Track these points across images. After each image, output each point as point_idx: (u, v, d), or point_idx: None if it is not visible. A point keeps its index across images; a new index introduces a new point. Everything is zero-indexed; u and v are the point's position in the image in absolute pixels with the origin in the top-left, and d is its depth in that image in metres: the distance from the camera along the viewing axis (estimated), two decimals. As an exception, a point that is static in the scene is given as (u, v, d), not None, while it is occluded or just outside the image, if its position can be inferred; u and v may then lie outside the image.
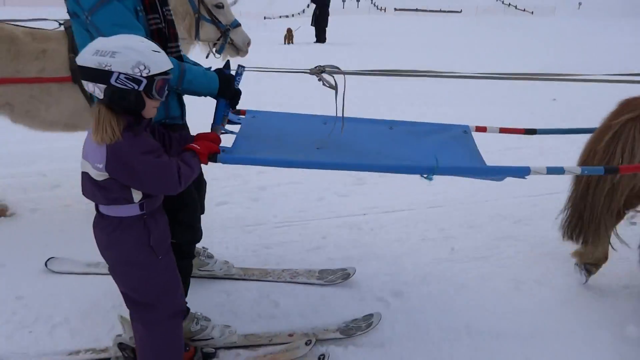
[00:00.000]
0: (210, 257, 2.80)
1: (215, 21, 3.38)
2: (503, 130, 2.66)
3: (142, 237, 1.77)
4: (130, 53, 1.56)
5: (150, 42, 1.68)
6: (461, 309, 2.64)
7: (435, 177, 1.92)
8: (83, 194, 1.79)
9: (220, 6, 3.38)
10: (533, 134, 2.74)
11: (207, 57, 3.51)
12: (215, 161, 1.87)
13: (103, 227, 1.77)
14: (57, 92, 3.10)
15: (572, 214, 2.77)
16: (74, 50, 2.87)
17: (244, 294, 2.70)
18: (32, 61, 3.04)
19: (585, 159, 2.68)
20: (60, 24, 3.22)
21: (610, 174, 2.42)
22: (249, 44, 3.55)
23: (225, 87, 2.07)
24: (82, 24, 1.96)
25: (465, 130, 2.49)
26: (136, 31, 1.86)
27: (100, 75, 1.56)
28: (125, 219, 1.75)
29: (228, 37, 3.43)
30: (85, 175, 1.72)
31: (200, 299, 2.54)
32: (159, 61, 1.62)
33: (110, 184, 1.68)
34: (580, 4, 39.41)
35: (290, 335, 2.39)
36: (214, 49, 3.48)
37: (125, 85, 1.57)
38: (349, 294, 2.73)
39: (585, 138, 2.74)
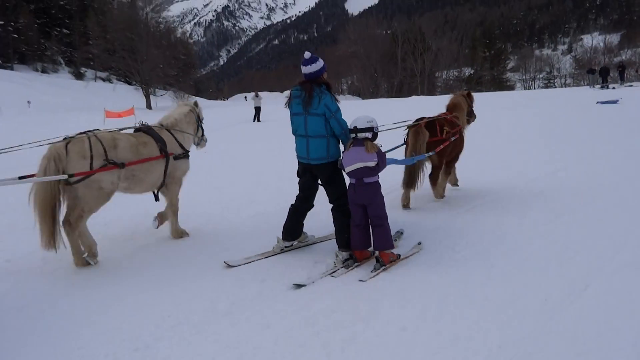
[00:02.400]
0: (306, 235, 5.14)
1: (202, 127, 5.99)
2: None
3: (380, 187, 4.41)
4: (374, 120, 4.36)
5: None
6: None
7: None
8: (358, 176, 4.30)
9: (202, 119, 6.04)
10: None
11: (196, 146, 5.97)
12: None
13: (371, 187, 4.30)
14: (155, 164, 5.04)
15: (409, 176, 6.05)
16: (158, 141, 5.09)
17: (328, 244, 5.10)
18: (142, 149, 4.93)
19: (412, 152, 5.88)
20: (136, 129, 5.29)
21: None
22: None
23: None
24: (322, 118, 4.41)
25: None
26: None
27: (372, 128, 4.29)
28: (377, 181, 4.38)
29: (203, 136, 6.04)
30: (361, 169, 4.26)
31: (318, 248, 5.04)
32: None
33: (376, 167, 4.28)
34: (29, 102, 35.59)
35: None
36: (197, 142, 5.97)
37: (377, 130, 4.38)
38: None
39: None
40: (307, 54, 4.53)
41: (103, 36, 47.10)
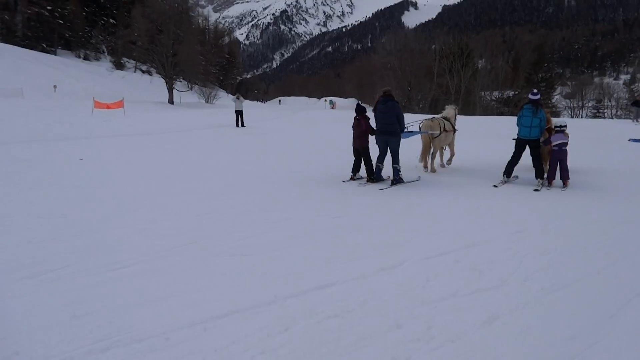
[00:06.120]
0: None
1: (456, 119, 11.71)
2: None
3: (567, 152, 8.96)
4: (566, 122, 9.27)
5: None
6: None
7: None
8: (559, 147, 8.83)
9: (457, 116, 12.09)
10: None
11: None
12: None
13: (565, 151, 8.86)
14: (450, 134, 10.86)
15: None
16: (452, 123, 11.07)
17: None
18: (449, 126, 10.80)
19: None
20: (442, 116, 11.00)
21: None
22: None
23: None
24: (539, 119, 8.78)
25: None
26: None
27: (566, 125, 9.06)
28: (567, 149, 8.93)
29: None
30: (561, 142, 8.82)
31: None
32: None
33: (567, 142, 8.94)
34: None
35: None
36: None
37: (566, 126, 9.22)
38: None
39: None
40: (534, 90, 9.00)
41: (144, 28, 47.46)
